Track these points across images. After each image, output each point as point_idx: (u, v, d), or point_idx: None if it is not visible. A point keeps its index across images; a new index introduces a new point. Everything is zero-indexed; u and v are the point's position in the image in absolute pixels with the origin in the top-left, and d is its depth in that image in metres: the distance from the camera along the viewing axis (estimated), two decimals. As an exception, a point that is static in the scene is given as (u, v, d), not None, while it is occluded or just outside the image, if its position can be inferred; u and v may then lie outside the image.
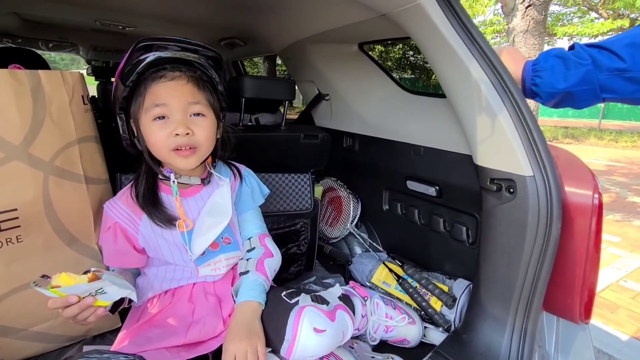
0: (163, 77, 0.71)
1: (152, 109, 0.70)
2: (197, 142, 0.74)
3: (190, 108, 0.72)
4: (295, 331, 0.65)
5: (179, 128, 0.70)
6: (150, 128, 0.71)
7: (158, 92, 0.70)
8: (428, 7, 0.79)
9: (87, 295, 0.60)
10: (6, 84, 0.67)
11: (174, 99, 0.71)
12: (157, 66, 0.71)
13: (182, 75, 0.72)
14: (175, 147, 0.72)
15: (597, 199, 0.72)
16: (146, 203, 0.76)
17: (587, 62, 0.71)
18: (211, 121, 0.76)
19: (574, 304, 0.78)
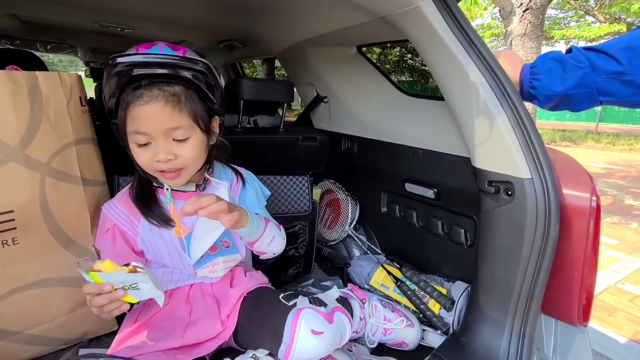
0: (140, 97, 0.66)
1: (134, 135, 0.68)
2: (182, 163, 0.71)
3: (170, 133, 0.68)
4: (293, 333, 0.65)
5: (159, 154, 0.68)
6: (134, 150, 0.70)
7: (138, 118, 0.66)
8: (427, 10, 0.79)
9: (120, 287, 0.60)
10: (3, 85, 0.66)
11: (152, 125, 0.67)
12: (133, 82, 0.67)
13: (159, 96, 0.66)
14: (159, 170, 0.70)
15: (594, 201, 0.73)
16: (142, 204, 0.76)
17: (584, 65, 0.71)
18: (197, 139, 0.72)
19: (572, 307, 0.78)
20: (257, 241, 0.80)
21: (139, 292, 0.61)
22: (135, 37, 1.87)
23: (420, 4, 0.79)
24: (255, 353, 0.68)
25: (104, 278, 0.58)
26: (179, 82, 0.68)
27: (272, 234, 0.83)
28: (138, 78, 0.66)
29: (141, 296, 0.62)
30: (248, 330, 0.74)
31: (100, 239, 0.77)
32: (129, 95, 0.66)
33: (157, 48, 0.68)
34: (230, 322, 0.75)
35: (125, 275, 0.59)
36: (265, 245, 0.82)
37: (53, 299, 0.81)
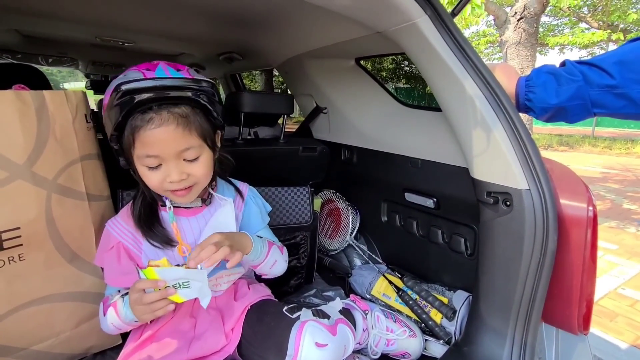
0: (150, 121, 0.65)
1: (145, 158, 0.68)
2: (194, 180, 0.72)
3: (182, 154, 0.69)
4: (298, 346, 0.65)
5: (172, 175, 0.68)
6: (144, 172, 0.70)
7: (148, 141, 0.66)
8: (423, 27, 0.81)
9: (172, 285, 0.62)
10: (11, 105, 0.68)
11: (164, 148, 0.67)
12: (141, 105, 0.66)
13: (170, 118, 0.66)
14: (171, 189, 0.71)
15: (591, 211, 0.74)
16: (142, 225, 0.76)
17: (578, 79, 0.74)
18: (207, 157, 0.73)
19: (572, 315, 0.79)
20: (260, 265, 0.82)
21: (188, 291, 0.63)
22: (136, 50, 1.90)
23: (417, 20, 0.81)
24: (259, 366, 0.69)
25: (161, 273, 0.61)
26: (185, 102, 0.69)
27: (275, 258, 0.85)
28: (147, 102, 0.65)
29: (189, 295, 0.64)
30: (252, 343, 0.74)
31: (104, 256, 0.77)
32: (137, 120, 0.65)
33: (161, 70, 0.68)
34: (234, 335, 0.76)
35: (183, 271, 0.62)
36: (267, 269, 0.84)
37: (57, 314, 0.81)
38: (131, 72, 0.68)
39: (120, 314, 0.72)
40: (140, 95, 0.64)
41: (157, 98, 0.65)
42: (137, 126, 0.65)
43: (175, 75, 0.68)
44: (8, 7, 1.23)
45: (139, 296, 0.64)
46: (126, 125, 0.67)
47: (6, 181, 0.68)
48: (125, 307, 0.72)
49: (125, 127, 0.67)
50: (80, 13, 1.27)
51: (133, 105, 0.64)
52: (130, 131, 0.66)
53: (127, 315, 0.71)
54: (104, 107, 0.69)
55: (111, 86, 0.67)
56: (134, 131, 0.66)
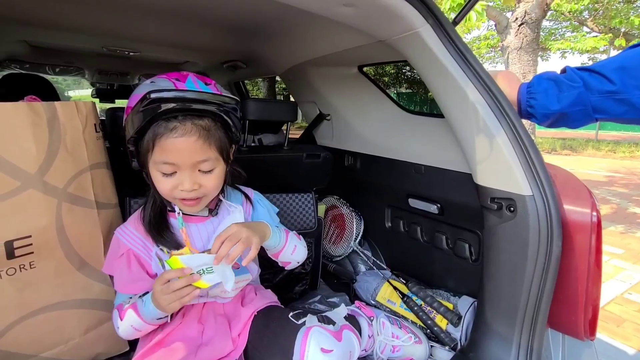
0: (173, 130, 0.67)
1: (161, 164, 0.70)
2: (204, 192, 0.74)
3: (198, 165, 0.71)
4: (303, 352, 0.66)
5: (185, 184, 0.70)
6: (157, 177, 0.72)
7: (168, 149, 0.68)
8: (425, 35, 0.82)
9: (197, 272, 0.65)
10: (25, 116, 0.69)
11: (182, 157, 0.69)
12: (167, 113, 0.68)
13: (192, 130, 0.68)
14: (180, 197, 0.73)
15: (595, 216, 0.74)
16: (152, 230, 0.77)
17: (578, 85, 0.74)
18: (220, 170, 0.75)
19: (578, 321, 0.79)
20: (281, 252, 0.84)
21: (212, 276, 0.66)
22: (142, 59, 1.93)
23: (419, 29, 0.82)
24: (266, 373, 0.69)
25: (185, 261, 0.64)
26: (209, 115, 0.71)
27: (294, 243, 0.87)
28: (173, 111, 0.67)
29: (213, 280, 0.67)
30: (258, 349, 0.75)
31: (114, 264, 0.78)
32: (161, 127, 0.67)
33: (190, 82, 0.71)
34: (241, 340, 0.76)
35: (207, 257, 0.65)
36: (289, 255, 0.85)
37: (66, 321, 0.82)
38: (161, 81, 0.71)
39: (142, 313, 0.73)
40: (167, 105, 0.66)
41: (183, 108, 0.68)
42: (160, 133, 0.68)
43: (204, 89, 0.70)
44: (18, 20, 1.26)
45: (166, 286, 0.66)
46: (148, 130, 0.69)
47: (18, 190, 0.70)
48: (146, 305, 0.72)
49: (147, 132, 0.69)
50: (87, 24, 1.30)
51: (159, 113, 0.67)
52: (151, 136, 0.69)
53: (150, 312, 0.72)
54: (127, 110, 0.72)
55: (140, 91, 0.69)
56: (155, 137, 0.68)
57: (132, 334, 0.77)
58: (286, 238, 0.84)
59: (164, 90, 0.66)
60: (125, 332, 0.77)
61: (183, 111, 0.68)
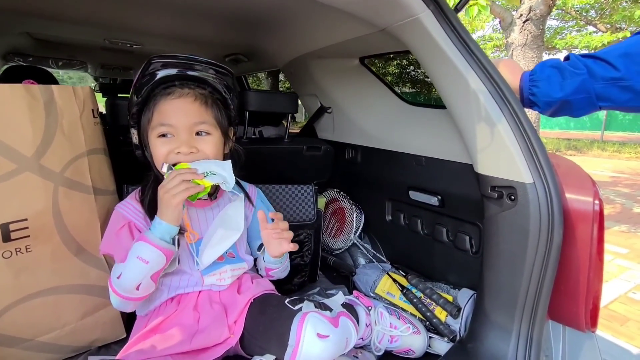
0: (171, 94, 0.72)
1: (158, 127, 0.73)
2: (203, 158, 0.75)
3: (195, 127, 0.74)
4: (299, 337, 0.65)
5: (182, 147, 0.72)
6: (155, 143, 0.74)
7: (165, 111, 0.72)
8: (426, 22, 0.81)
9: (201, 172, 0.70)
10: (21, 99, 0.69)
11: (180, 118, 0.72)
12: (166, 82, 0.73)
13: (190, 93, 0.73)
14: (175, 162, 0.73)
15: (597, 205, 0.73)
16: (152, 211, 0.77)
17: (582, 72, 0.73)
18: (217, 139, 0.77)
19: (579, 312, 0.78)
20: (278, 269, 0.91)
21: (214, 177, 0.71)
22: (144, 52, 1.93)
23: (419, 15, 0.81)
24: (261, 359, 0.68)
25: (192, 164, 0.70)
26: (207, 86, 0.75)
27: (288, 262, 0.94)
28: (171, 78, 0.71)
29: (215, 180, 0.71)
30: (254, 335, 0.74)
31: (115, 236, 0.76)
32: (159, 94, 0.72)
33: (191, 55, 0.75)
34: (237, 327, 0.76)
35: (213, 162, 0.72)
36: (281, 272, 0.94)
37: (63, 306, 0.82)
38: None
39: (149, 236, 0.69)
40: (168, 70, 0.71)
41: (182, 76, 0.72)
42: (159, 99, 0.72)
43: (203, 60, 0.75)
44: (20, 11, 1.26)
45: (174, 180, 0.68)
46: (148, 103, 0.73)
47: (14, 173, 0.70)
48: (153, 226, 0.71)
49: (147, 105, 0.73)
50: (89, 16, 1.30)
51: (159, 79, 0.71)
52: (151, 105, 0.72)
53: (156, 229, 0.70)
54: (132, 87, 0.75)
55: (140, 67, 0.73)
56: (155, 104, 0.72)
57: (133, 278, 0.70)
58: (286, 259, 0.92)
59: (165, 55, 0.71)
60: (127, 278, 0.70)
61: (181, 78, 0.72)
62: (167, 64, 0.72)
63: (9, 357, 0.77)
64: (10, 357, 0.78)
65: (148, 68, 0.72)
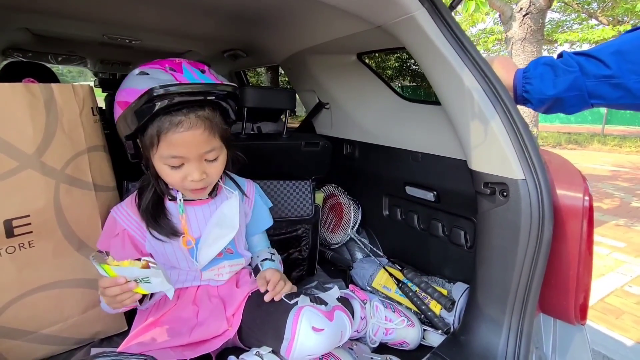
0: (180, 124, 0.67)
1: (169, 159, 0.70)
2: (210, 181, 0.77)
3: (205, 155, 0.73)
4: (294, 330, 0.67)
5: (194, 174, 0.72)
6: (165, 170, 0.72)
7: (175, 143, 0.68)
8: (421, 19, 0.82)
9: (132, 280, 0.64)
10: (21, 97, 0.70)
11: (191, 150, 0.70)
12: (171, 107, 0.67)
13: (198, 123, 0.69)
14: (190, 188, 0.76)
15: (587, 201, 0.75)
16: (149, 217, 0.78)
17: (574, 70, 0.74)
18: (223, 156, 0.78)
19: (569, 306, 0.80)
20: None
21: (150, 285, 0.65)
22: (143, 48, 1.93)
23: (414, 13, 0.82)
24: (259, 350, 0.70)
25: (118, 271, 0.62)
26: (210, 104, 0.71)
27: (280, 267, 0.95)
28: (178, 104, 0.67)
29: (152, 289, 0.65)
30: (252, 328, 0.76)
31: (111, 242, 0.80)
32: (166, 122, 0.67)
33: (188, 72, 0.69)
34: (235, 320, 0.78)
35: (138, 270, 0.63)
36: None
37: (66, 299, 0.84)
38: (157, 72, 0.69)
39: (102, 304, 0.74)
40: (173, 99, 0.65)
41: (187, 101, 0.67)
42: (166, 128, 0.67)
43: (203, 79, 0.70)
44: (19, 6, 1.27)
45: (103, 290, 0.65)
46: (149, 127, 0.68)
47: (16, 170, 0.71)
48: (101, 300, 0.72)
49: (148, 128, 0.68)
50: (88, 11, 1.30)
51: (162, 108, 0.66)
52: (156, 132, 0.68)
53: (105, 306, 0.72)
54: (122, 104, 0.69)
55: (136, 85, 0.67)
56: (160, 132, 0.68)
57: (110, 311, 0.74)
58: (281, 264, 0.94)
59: (168, 85, 0.65)
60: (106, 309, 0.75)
61: (186, 104, 0.68)
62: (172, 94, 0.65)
63: (14, 349, 0.80)
64: (15, 349, 0.80)
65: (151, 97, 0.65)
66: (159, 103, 0.65)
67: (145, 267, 0.63)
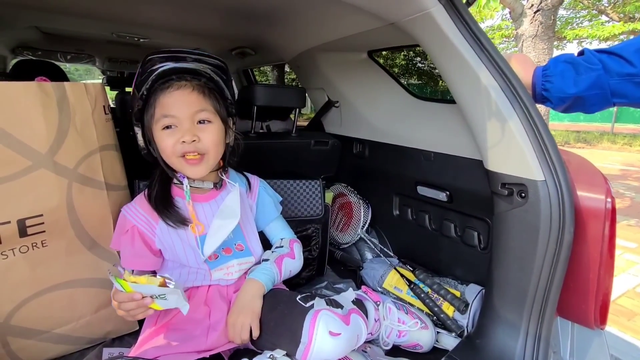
0: (170, 87, 0.74)
1: (161, 119, 0.75)
2: (204, 148, 0.77)
3: (196, 116, 0.76)
4: (311, 334, 0.66)
5: (185, 135, 0.74)
6: (160, 136, 0.76)
7: (166, 103, 0.74)
8: (437, 16, 0.80)
9: (148, 296, 0.64)
10: (34, 96, 0.70)
11: (180, 108, 0.74)
12: (164, 77, 0.75)
13: (187, 84, 0.76)
14: (182, 153, 0.75)
15: (609, 203, 0.72)
16: (159, 205, 0.79)
17: (597, 67, 0.72)
18: (218, 127, 0.79)
19: (588, 310, 0.78)
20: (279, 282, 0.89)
21: (165, 302, 0.65)
22: (151, 46, 1.93)
23: (431, 10, 0.80)
24: (272, 354, 0.69)
25: (135, 288, 0.62)
26: (202, 78, 0.78)
27: (289, 269, 0.89)
28: (169, 73, 0.74)
29: (167, 305, 0.65)
30: (265, 330, 0.75)
31: (121, 239, 0.80)
32: (159, 90, 0.75)
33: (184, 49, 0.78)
34: (247, 323, 0.77)
35: (156, 288, 0.63)
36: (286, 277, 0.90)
37: (78, 299, 0.84)
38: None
39: None
40: (163, 64, 0.74)
41: (176, 69, 0.75)
42: (158, 92, 0.75)
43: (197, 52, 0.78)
44: (30, 6, 1.27)
45: (117, 305, 0.65)
46: (149, 100, 0.76)
47: (30, 170, 0.71)
48: None
49: (149, 100, 0.76)
50: (97, 9, 1.30)
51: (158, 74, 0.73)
52: (152, 101, 0.75)
53: None
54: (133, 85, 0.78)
55: None
56: (155, 99, 0.75)
57: None
58: (280, 273, 0.86)
59: (159, 51, 0.75)
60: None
61: (177, 72, 0.75)
62: (161, 58, 0.74)
63: (27, 348, 0.80)
64: (28, 349, 0.80)
65: (145, 65, 0.75)
66: (153, 68, 0.74)
67: (163, 284, 0.63)
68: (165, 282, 0.64)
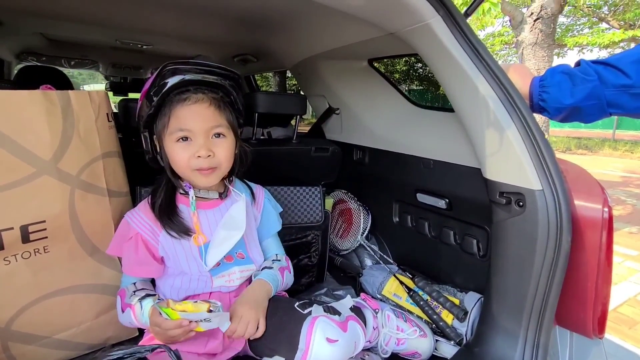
0: (187, 99, 0.74)
1: (177, 132, 0.74)
2: (217, 162, 0.77)
3: (212, 130, 0.76)
4: (309, 341, 0.66)
5: (201, 150, 0.74)
6: (174, 148, 0.76)
7: (182, 116, 0.74)
8: (436, 27, 0.81)
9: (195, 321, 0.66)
10: (39, 104, 0.71)
11: (197, 123, 0.74)
12: (180, 88, 0.75)
13: (204, 98, 0.75)
14: (197, 167, 0.76)
15: (607, 212, 0.73)
16: (162, 215, 0.79)
17: (593, 78, 0.73)
18: (231, 141, 0.80)
19: (587, 318, 0.78)
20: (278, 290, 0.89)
21: (209, 324, 0.67)
22: (154, 52, 1.95)
23: (430, 21, 0.81)
24: (271, 360, 0.70)
25: (185, 316, 0.65)
26: (218, 90, 0.79)
27: (287, 282, 0.92)
28: (186, 83, 0.74)
29: (210, 326, 0.68)
30: (264, 337, 0.76)
31: (123, 246, 0.80)
32: (174, 100, 0.74)
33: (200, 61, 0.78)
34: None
35: (205, 314, 0.66)
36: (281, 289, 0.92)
37: (79, 305, 0.84)
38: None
39: (139, 319, 0.76)
40: (182, 76, 0.73)
41: (196, 81, 0.75)
42: (175, 104, 0.74)
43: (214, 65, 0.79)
44: (35, 12, 1.29)
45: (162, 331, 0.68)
46: (163, 109, 0.76)
47: (33, 176, 0.72)
48: (143, 316, 0.75)
49: (162, 109, 0.76)
50: (101, 16, 1.32)
51: (175, 85, 0.73)
52: (167, 111, 0.75)
53: (144, 323, 0.76)
54: (143, 92, 0.77)
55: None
56: (171, 110, 0.74)
57: (130, 325, 0.80)
58: (282, 281, 0.88)
59: (178, 62, 0.74)
60: (125, 322, 0.80)
61: (195, 84, 0.75)
62: (181, 70, 0.74)
63: (27, 354, 0.80)
64: (29, 354, 0.81)
65: (162, 74, 0.74)
66: (171, 80, 0.73)
67: (209, 309, 0.66)
68: (211, 309, 0.67)
